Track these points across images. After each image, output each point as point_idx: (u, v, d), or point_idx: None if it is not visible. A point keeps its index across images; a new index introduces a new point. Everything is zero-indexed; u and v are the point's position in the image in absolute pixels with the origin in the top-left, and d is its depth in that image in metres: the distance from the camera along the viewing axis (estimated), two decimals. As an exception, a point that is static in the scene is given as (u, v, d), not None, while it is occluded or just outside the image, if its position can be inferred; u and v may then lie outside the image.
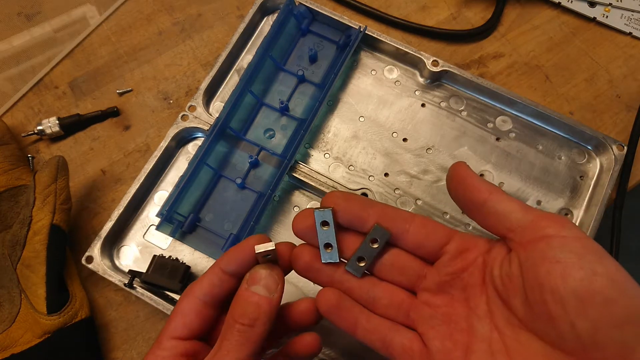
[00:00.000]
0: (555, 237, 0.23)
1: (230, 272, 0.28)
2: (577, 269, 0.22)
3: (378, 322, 0.28)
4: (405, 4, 0.51)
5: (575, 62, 0.48)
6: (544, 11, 0.50)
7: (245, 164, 0.43)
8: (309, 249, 0.28)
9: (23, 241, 0.38)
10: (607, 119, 0.46)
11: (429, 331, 0.27)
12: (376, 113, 0.45)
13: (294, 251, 0.29)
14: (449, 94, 0.46)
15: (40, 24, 0.50)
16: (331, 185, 0.41)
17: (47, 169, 0.39)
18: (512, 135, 0.44)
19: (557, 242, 0.23)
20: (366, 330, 0.28)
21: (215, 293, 0.28)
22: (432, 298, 0.28)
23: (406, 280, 0.29)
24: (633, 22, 0.49)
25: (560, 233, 0.23)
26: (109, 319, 0.41)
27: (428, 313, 0.27)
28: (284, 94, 0.45)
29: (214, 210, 0.42)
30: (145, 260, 0.41)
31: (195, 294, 0.28)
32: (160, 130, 0.47)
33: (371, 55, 0.47)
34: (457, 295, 0.27)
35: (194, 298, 0.28)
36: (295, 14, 0.46)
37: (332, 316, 0.28)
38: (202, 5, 0.51)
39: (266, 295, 0.26)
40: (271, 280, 0.27)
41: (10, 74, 0.49)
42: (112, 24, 0.51)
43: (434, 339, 0.27)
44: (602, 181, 0.42)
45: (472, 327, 0.26)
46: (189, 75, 0.48)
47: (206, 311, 0.28)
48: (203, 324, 0.28)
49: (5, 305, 0.38)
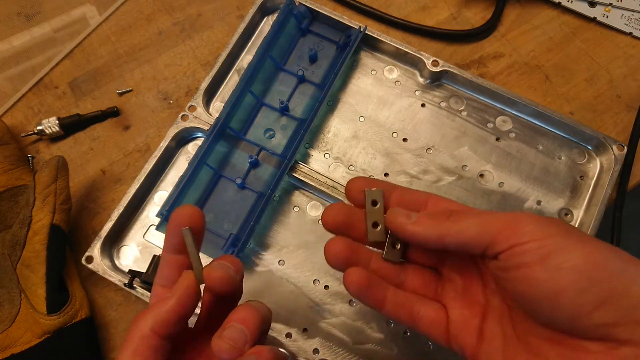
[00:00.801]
0: (515, 246, 0.23)
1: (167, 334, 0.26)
2: (540, 272, 0.22)
3: (405, 296, 0.29)
4: (405, 4, 0.51)
5: (576, 62, 0.48)
6: (544, 11, 0.50)
7: (245, 164, 0.43)
8: (344, 241, 0.29)
9: (23, 241, 0.38)
10: (607, 119, 0.46)
11: (450, 302, 0.29)
12: (376, 113, 0.45)
13: (328, 245, 0.28)
14: (449, 94, 0.46)
15: (40, 24, 0.50)
16: (331, 185, 0.41)
17: (47, 169, 0.39)
18: (512, 135, 0.44)
19: (518, 250, 0.23)
20: (394, 304, 0.28)
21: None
22: (454, 275, 0.29)
23: (430, 261, 0.30)
24: (633, 22, 0.49)
25: (521, 240, 0.23)
26: (109, 319, 0.41)
27: (450, 287, 0.29)
28: (284, 94, 0.45)
29: (214, 210, 0.41)
30: (145, 260, 0.41)
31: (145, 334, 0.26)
32: (160, 130, 0.47)
33: (371, 55, 0.47)
34: (474, 272, 0.28)
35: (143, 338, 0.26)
36: (295, 14, 0.46)
37: (362, 296, 0.28)
38: (202, 5, 0.51)
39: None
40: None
41: (10, 74, 0.49)
42: (112, 24, 0.51)
43: (453, 308, 0.28)
44: (602, 181, 0.42)
45: (487, 299, 0.28)
46: (189, 75, 0.48)
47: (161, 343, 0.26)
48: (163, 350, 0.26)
49: (5, 305, 0.38)
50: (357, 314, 0.39)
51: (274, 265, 0.41)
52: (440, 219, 0.26)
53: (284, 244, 0.41)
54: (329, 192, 0.41)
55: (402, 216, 0.27)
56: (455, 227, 0.25)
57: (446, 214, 0.26)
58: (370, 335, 0.39)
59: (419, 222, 0.26)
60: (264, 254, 0.41)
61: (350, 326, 0.39)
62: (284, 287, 0.40)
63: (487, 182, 0.43)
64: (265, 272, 0.41)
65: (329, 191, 0.41)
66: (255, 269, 0.41)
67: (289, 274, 0.41)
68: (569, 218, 0.42)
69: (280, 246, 0.41)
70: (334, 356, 0.39)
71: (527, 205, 0.42)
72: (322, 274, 0.41)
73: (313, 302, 0.40)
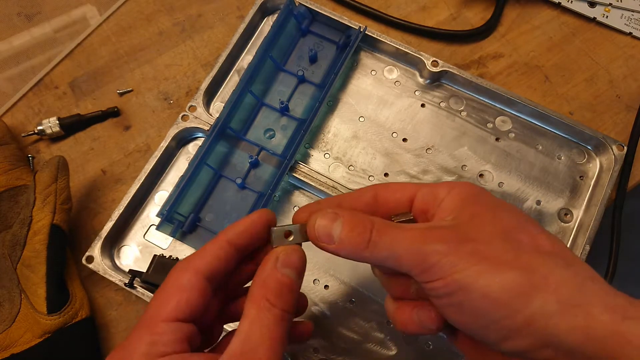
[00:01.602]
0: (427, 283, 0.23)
1: (238, 247, 0.26)
2: (447, 308, 0.24)
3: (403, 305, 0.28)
4: (405, 4, 0.51)
5: (575, 62, 0.48)
6: (543, 11, 0.50)
7: (246, 164, 0.43)
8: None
9: (23, 241, 0.38)
10: (607, 119, 0.46)
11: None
12: (376, 113, 0.45)
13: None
14: (449, 94, 0.46)
15: (40, 24, 0.50)
16: (331, 185, 0.41)
17: (48, 169, 0.39)
18: (512, 135, 0.44)
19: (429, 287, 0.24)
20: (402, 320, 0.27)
21: (219, 268, 0.25)
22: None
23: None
24: (633, 22, 0.49)
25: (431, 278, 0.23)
26: (109, 319, 0.41)
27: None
28: (284, 94, 0.45)
29: (214, 210, 0.42)
30: (146, 260, 0.41)
31: (198, 268, 0.25)
32: (161, 130, 0.47)
33: (371, 55, 0.47)
34: None
35: (197, 273, 0.25)
36: (295, 15, 0.46)
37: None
38: (203, 6, 0.51)
39: (296, 280, 0.26)
40: (301, 264, 0.26)
41: (10, 74, 0.49)
42: (112, 24, 0.51)
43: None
44: (602, 181, 0.42)
45: None
46: (189, 75, 0.49)
47: (208, 289, 0.25)
48: (205, 303, 0.25)
49: (5, 305, 0.38)
50: (357, 313, 0.40)
51: (274, 265, 0.41)
52: (359, 245, 0.24)
53: (284, 244, 0.41)
54: (329, 192, 0.41)
55: (324, 237, 0.25)
56: (374, 256, 0.24)
57: (366, 235, 0.24)
58: (370, 335, 0.39)
59: (340, 246, 0.25)
60: (264, 253, 0.41)
61: (350, 326, 0.39)
62: (284, 287, 0.40)
63: (487, 182, 0.43)
64: (266, 272, 0.41)
65: (328, 191, 0.41)
66: (255, 268, 0.41)
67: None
68: (569, 218, 0.42)
69: (280, 246, 0.41)
70: (334, 356, 0.39)
71: (526, 205, 0.42)
72: (322, 274, 0.41)
73: (313, 301, 0.40)
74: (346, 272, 0.41)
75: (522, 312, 0.21)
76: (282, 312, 0.24)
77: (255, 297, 0.25)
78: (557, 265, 0.22)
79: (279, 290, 0.25)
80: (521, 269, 0.22)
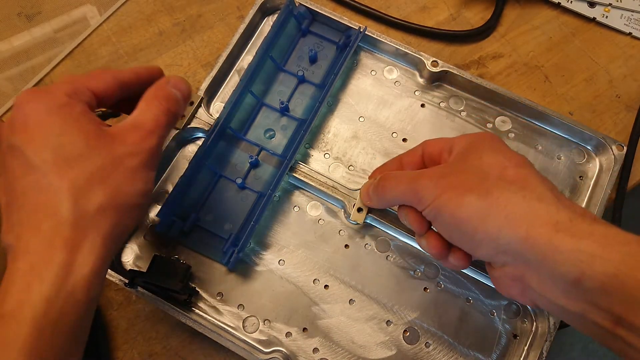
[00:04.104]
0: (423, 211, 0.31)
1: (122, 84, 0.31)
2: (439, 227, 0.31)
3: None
4: (405, 4, 0.51)
5: (575, 62, 0.48)
6: (543, 11, 0.50)
7: (246, 164, 0.43)
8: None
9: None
10: (607, 119, 0.46)
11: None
12: (376, 113, 0.45)
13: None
14: (449, 94, 0.46)
15: (41, 24, 0.50)
16: (331, 185, 0.41)
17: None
18: (512, 135, 0.44)
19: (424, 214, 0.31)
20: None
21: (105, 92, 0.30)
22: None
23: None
24: (633, 22, 0.49)
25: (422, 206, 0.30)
26: (109, 318, 0.41)
27: None
28: (284, 94, 0.45)
29: (214, 210, 0.42)
30: (146, 260, 0.41)
31: (113, 74, 0.31)
32: (161, 130, 0.47)
33: (371, 55, 0.47)
34: None
35: (111, 75, 0.30)
36: (296, 15, 0.46)
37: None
38: (203, 6, 0.51)
39: (181, 101, 0.32)
40: (187, 91, 0.33)
41: (10, 74, 0.49)
42: (112, 24, 0.51)
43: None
44: (601, 181, 0.42)
45: None
46: (190, 75, 0.49)
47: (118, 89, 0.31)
48: (114, 94, 0.30)
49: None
50: (357, 313, 0.40)
51: (274, 265, 0.41)
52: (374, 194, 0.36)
53: (284, 243, 0.41)
54: (329, 192, 0.41)
55: (364, 196, 0.38)
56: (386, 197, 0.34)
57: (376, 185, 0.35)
58: (370, 334, 0.39)
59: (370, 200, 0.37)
60: (264, 253, 0.41)
61: (350, 326, 0.39)
62: (284, 286, 0.40)
63: (487, 182, 0.43)
64: (265, 272, 0.41)
65: (329, 191, 0.41)
66: (255, 268, 0.41)
67: (289, 274, 0.41)
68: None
69: (280, 246, 0.41)
70: (334, 356, 0.39)
71: (526, 205, 0.42)
72: (322, 274, 0.41)
73: (313, 301, 0.40)
74: (346, 272, 0.41)
75: (481, 226, 0.27)
76: (167, 109, 0.30)
77: (146, 97, 0.30)
78: (509, 190, 0.27)
79: (167, 97, 0.31)
80: (479, 194, 0.27)
